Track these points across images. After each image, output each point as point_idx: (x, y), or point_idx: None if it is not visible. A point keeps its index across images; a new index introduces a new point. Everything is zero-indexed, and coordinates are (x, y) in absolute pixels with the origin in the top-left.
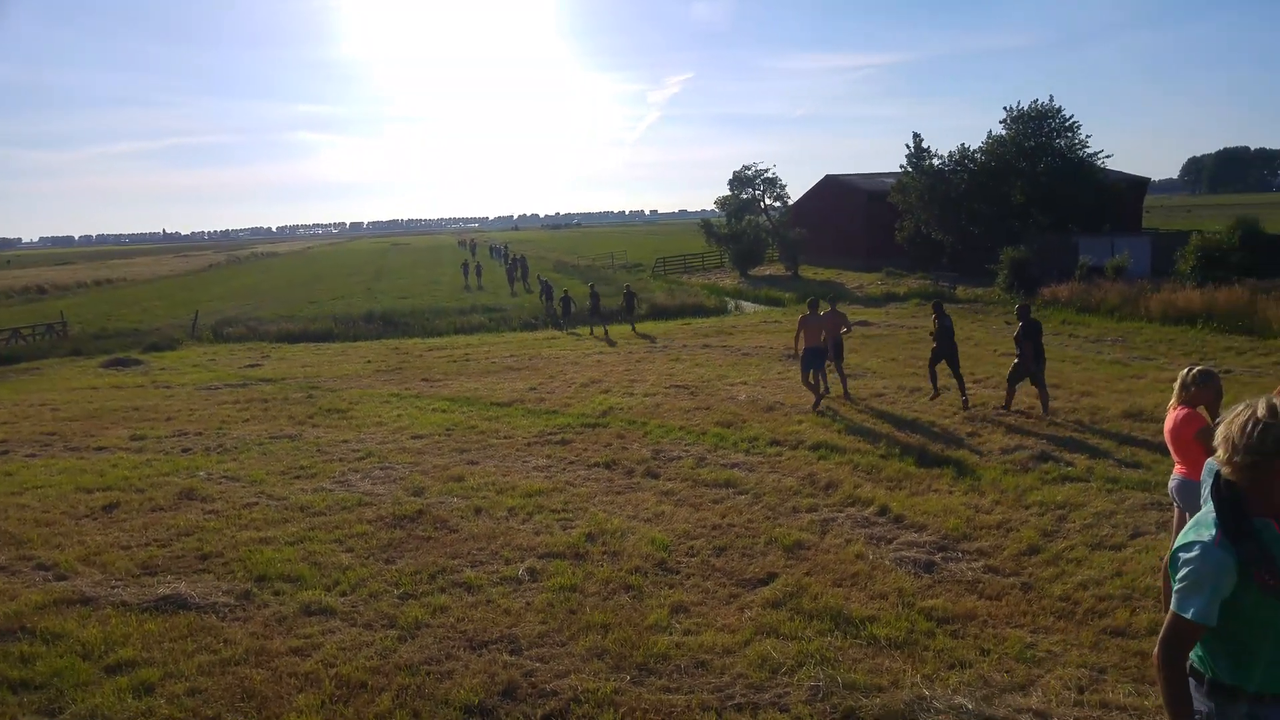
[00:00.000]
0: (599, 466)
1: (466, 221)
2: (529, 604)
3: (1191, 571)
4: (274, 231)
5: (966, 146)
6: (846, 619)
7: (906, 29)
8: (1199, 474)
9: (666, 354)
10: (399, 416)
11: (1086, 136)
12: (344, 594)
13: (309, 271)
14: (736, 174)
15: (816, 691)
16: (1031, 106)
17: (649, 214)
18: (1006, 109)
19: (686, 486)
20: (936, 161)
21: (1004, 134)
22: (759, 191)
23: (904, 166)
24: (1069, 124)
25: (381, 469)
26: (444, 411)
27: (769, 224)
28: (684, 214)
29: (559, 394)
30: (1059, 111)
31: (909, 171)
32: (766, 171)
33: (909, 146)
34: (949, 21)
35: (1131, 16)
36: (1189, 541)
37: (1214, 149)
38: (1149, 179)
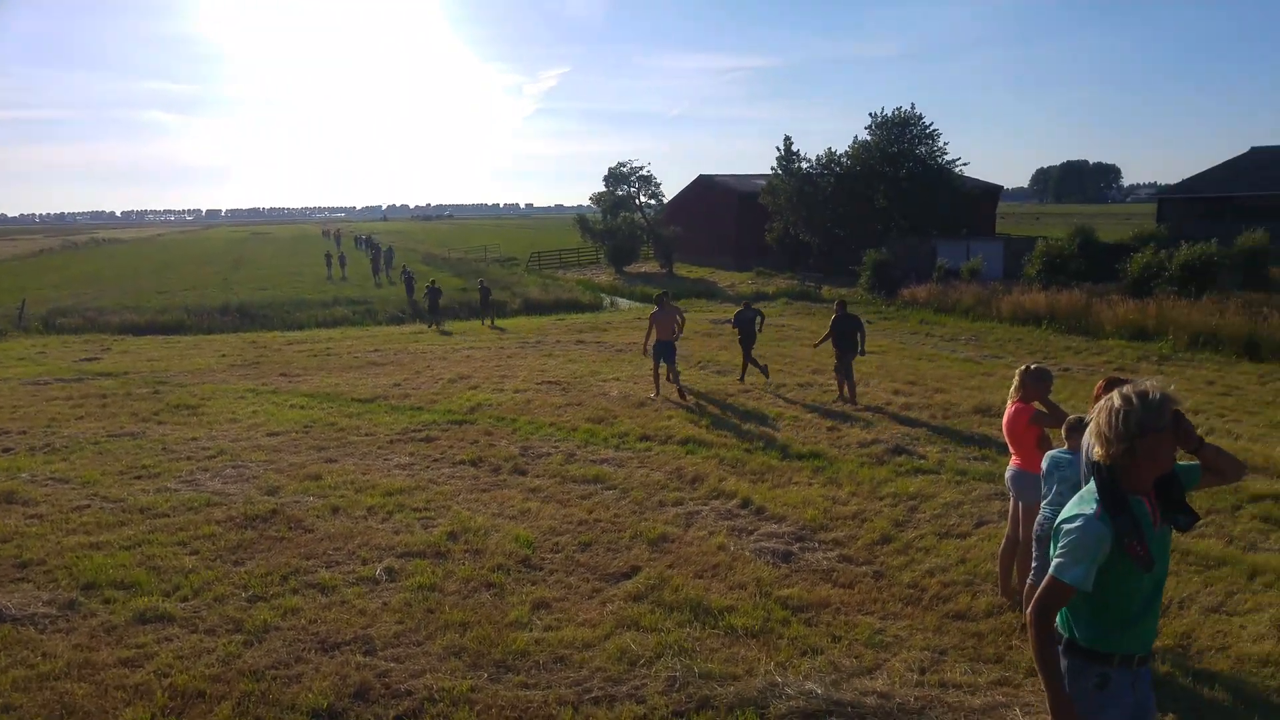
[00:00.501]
0: (464, 464)
1: (333, 211)
2: (385, 604)
3: (1073, 541)
4: (118, 216)
5: (834, 151)
6: (706, 610)
7: (781, 33)
8: (1033, 465)
9: (539, 350)
10: (254, 413)
11: (945, 144)
12: (185, 599)
13: (158, 259)
14: (612, 170)
15: (673, 682)
16: (895, 113)
17: (524, 207)
18: (872, 115)
19: (554, 483)
20: (805, 165)
21: (869, 139)
22: (634, 189)
23: (774, 169)
24: (929, 131)
25: (234, 467)
26: (302, 408)
27: (644, 221)
28: (560, 209)
29: (425, 390)
30: (920, 119)
31: (779, 174)
32: (642, 169)
33: (779, 149)
34: (822, 27)
35: (991, 32)
36: (1073, 514)
37: (1059, 161)
38: (1002, 187)
